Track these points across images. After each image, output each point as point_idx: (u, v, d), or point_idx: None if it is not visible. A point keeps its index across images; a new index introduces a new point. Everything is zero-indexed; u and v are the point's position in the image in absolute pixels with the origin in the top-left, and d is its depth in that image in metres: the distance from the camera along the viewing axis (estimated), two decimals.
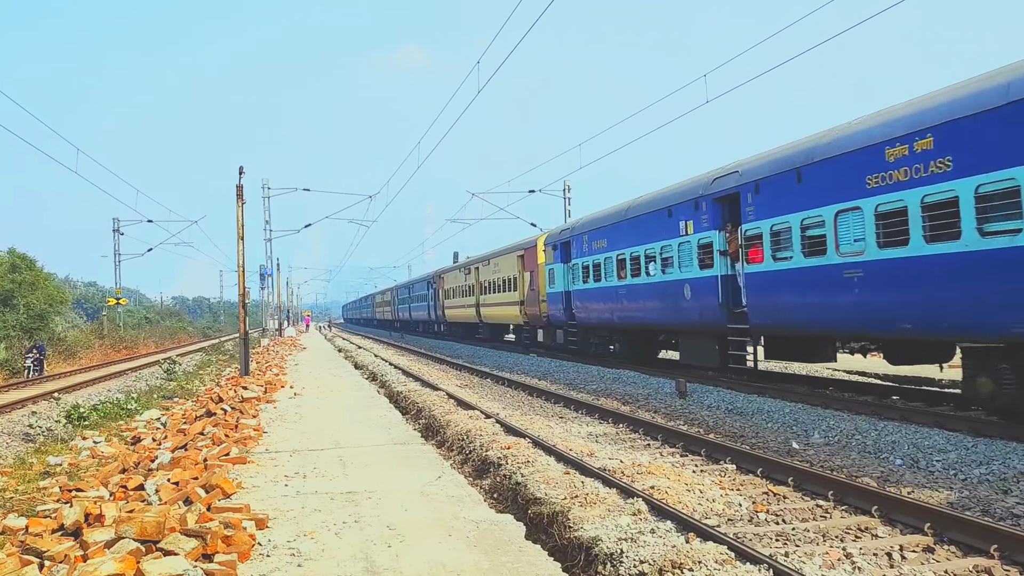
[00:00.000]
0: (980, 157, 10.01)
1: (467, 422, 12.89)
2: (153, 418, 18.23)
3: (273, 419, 13.13)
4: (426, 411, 15.26)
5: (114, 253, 56.12)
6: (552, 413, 14.73)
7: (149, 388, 24.40)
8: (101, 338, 49.70)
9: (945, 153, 10.53)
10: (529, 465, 9.41)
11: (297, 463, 9.03)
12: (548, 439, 11.04)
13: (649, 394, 16.06)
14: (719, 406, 14.19)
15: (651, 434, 11.83)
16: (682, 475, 8.64)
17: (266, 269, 49.26)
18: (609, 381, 18.75)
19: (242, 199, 21.81)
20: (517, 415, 14.09)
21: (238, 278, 21.84)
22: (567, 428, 12.62)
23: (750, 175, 15.19)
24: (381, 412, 14.13)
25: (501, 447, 10.57)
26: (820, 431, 11.44)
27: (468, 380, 21.91)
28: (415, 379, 21.79)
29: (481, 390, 19.26)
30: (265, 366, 26.30)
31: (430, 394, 17.34)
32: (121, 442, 14.40)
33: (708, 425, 12.33)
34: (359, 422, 12.81)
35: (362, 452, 9.74)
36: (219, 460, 8.77)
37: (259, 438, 10.85)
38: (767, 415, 12.93)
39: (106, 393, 22.73)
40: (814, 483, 8.23)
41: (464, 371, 25.05)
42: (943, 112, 10.72)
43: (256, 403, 15.06)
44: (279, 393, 17.93)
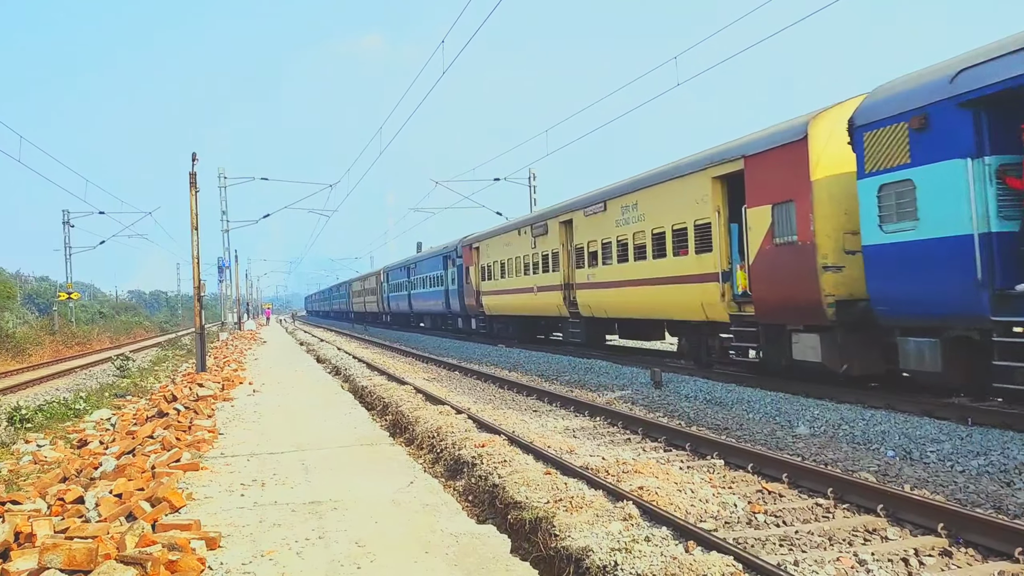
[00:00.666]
0: None
1: (437, 418, 12.25)
2: (103, 418, 17.27)
3: (230, 419, 12.35)
4: (393, 407, 14.58)
5: (64, 246, 54.19)
6: (526, 406, 14.15)
7: (100, 386, 23.31)
8: (52, 334, 48.00)
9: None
10: (506, 465, 8.80)
11: (255, 468, 8.31)
12: (524, 435, 10.45)
13: (624, 384, 15.56)
14: (697, 396, 13.73)
15: (631, 427, 11.31)
16: (670, 473, 8.10)
17: (224, 261, 47.92)
18: (582, 371, 18.23)
19: (195, 187, 20.83)
20: (489, 409, 13.48)
21: (193, 270, 20.89)
22: (543, 422, 12.05)
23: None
24: (346, 409, 13.42)
25: (475, 445, 9.95)
26: (805, 422, 11.01)
27: (435, 373, 21.25)
28: (380, 372, 21.06)
29: (450, 383, 18.62)
30: (223, 361, 25.35)
31: (396, 388, 16.66)
32: (67, 445, 13.49)
33: (689, 417, 11.84)
34: (322, 420, 12.09)
35: (326, 454, 9.04)
36: (168, 467, 8.03)
37: (214, 440, 10.08)
38: (748, 405, 12.48)
39: (54, 392, 21.65)
40: (810, 479, 7.75)
41: (431, 363, 24.37)
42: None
43: (212, 401, 14.24)
44: (237, 390, 17.10)
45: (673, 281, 16.67)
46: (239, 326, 55.43)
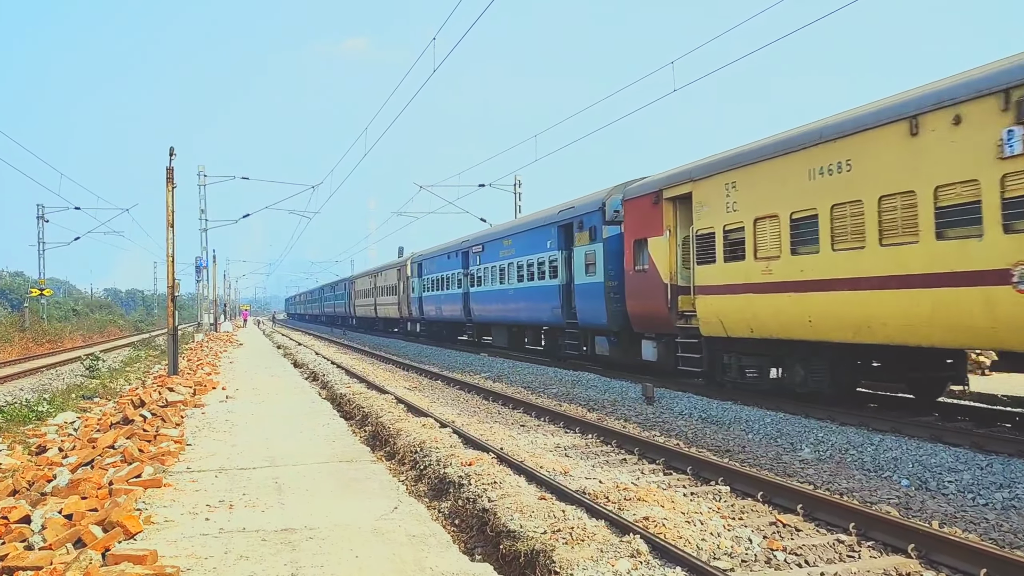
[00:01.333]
0: None
1: (420, 431, 11.58)
2: (67, 422, 16.43)
3: (200, 428, 11.60)
4: (373, 417, 13.88)
5: (38, 241, 53.01)
6: (513, 420, 13.50)
7: (68, 387, 22.39)
8: (22, 331, 46.73)
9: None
10: (497, 487, 8.15)
11: (223, 487, 7.59)
12: (514, 453, 9.80)
13: (615, 399, 14.95)
14: (691, 414, 13.15)
15: (626, 447, 10.69)
16: (675, 501, 7.48)
17: (201, 260, 46.91)
18: (569, 384, 17.61)
19: (172, 183, 20.04)
20: (475, 423, 12.82)
21: (167, 269, 20.06)
22: (532, 439, 11.41)
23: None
24: (324, 420, 12.70)
25: (461, 463, 9.29)
26: (809, 444, 10.46)
27: (417, 381, 20.55)
28: (359, 380, 20.33)
29: (432, 393, 17.94)
30: (197, 364, 24.49)
31: (377, 398, 15.95)
32: (25, 451, 12.66)
33: (687, 437, 11.25)
34: (298, 432, 11.38)
35: (302, 472, 8.34)
36: (128, 483, 7.30)
37: (181, 452, 9.34)
38: (747, 425, 11.92)
39: (18, 392, 20.71)
40: (826, 511, 7.17)
41: (412, 371, 23.67)
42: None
43: (182, 408, 13.48)
44: (209, 396, 16.32)
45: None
46: (215, 327, 54.37)
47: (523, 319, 25.84)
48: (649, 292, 16.46)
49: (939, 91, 9.78)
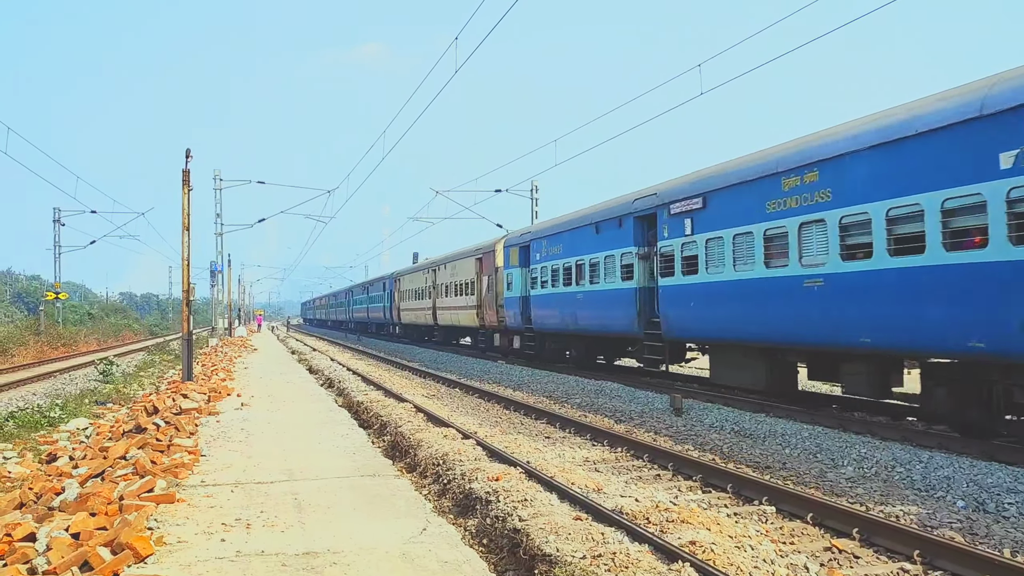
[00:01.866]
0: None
1: (442, 443, 11.12)
2: (80, 428, 16.10)
3: (215, 437, 11.19)
4: (392, 427, 13.45)
5: (54, 245, 52.94)
6: (537, 432, 13.04)
7: (81, 392, 22.11)
8: (37, 334, 46.67)
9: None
10: (527, 504, 7.68)
11: (240, 503, 7.15)
12: (543, 468, 9.33)
13: (642, 411, 14.45)
14: (723, 426, 12.64)
15: (658, 461, 10.22)
16: (720, 523, 6.99)
17: (216, 265, 46.72)
18: (592, 394, 17.12)
19: (188, 185, 19.72)
20: (498, 434, 12.36)
21: (182, 272, 19.74)
22: (559, 452, 10.94)
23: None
24: (343, 430, 12.27)
25: (488, 478, 8.82)
26: (852, 461, 9.93)
27: (435, 389, 20.12)
28: (376, 387, 19.91)
29: (451, 401, 17.50)
30: (211, 369, 24.16)
31: (395, 406, 15.51)
32: (36, 459, 12.31)
33: (723, 451, 10.74)
34: (317, 442, 10.95)
35: (322, 487, 7.89)
36: (139, 499, 6.89)
37: (195, 464, 8.92)
38: (783, 439, 11.40)
39: (31, 397, 20.43)
40: (886, 536, 6.67)
41: (429, 379, 23.25)
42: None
43: (196, 416, 13.08)
44: (224, 403, 15.93)
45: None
46: (230, 332, 54.17)
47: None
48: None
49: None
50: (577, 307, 21.34)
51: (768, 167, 13.46)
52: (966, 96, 9.91)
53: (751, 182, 13.88)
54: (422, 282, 43.17)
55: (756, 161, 14.07)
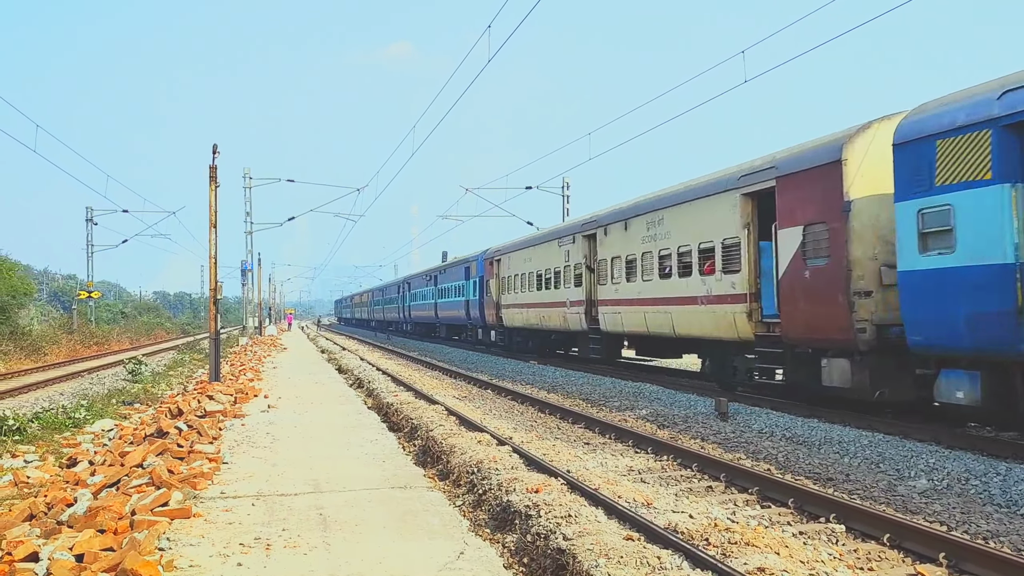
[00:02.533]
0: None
1: (476, 448, 10.51)
2: (105, 430, 15.74)
3: (239, 442, 10.68)
4: (423, 430, 12.88)
5: (87, 244, 53.30)
6: (575, 437, 12.39)
7: (109, 391, 21.85)
8: (70, 333, 46.90)
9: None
10: (572, 521, 7.03)
11: (260, 519, 6.59)
12: (585, 479, 8.68)
13: (685, 415, 13.72)
14: (773, 432, 11.90)
15: (709, 472, 9.52)
16: (788, 545, 6.29)
17: (246, 264, 46.60)
18: (630, 396, 16.42)
19: (216, 182, 19.33)
20: (534, 440, 11.72)
21: (209, 270, 19.34)
22: (601, 461, 10.28)
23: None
24: (372, 435, 11.70)
25: (527, 489, 8.19)
26: (920, 473, 9.16)
27: (466, 391, 19.53)
28: (406, 388, 19.38)
29: (483, 403, 16.90)
30: (239, 369, 23.79)
31: (426, 408, 14.93)
32: (57, 463, 11.91)
33: (778, 461, 10.01)
34: (345, 448, 10.39)
35: (350, 501, 7.30)
36: (152, 513, 6.35)
37: (215, 473, 8.39)
38: (840, 447, 10.65)
39: (58, 397, 20.18)
40: (978, 563, 5.93)
41: (460, 379, 22.68)
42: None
43: (221, 419, 12.61)
44: (251, 404, 15.47)
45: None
46: (260, 331, 54.13)
47: None
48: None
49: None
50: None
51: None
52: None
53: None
54: (542, 262, 27.17)
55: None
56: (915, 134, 10.54)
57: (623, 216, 20.60)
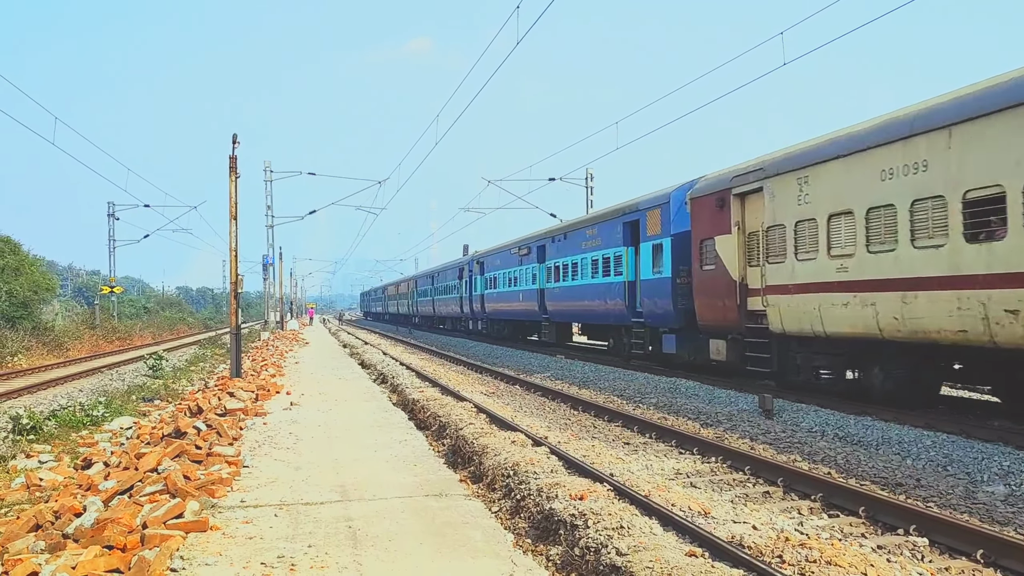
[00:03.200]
0: None
1: (510, 450, 9.88)
2: (123, 427, 15.28)
3: (260, 443, 10.11)
4: (452, 429, 12.27)
5: (109, 239, 53.23)
6: (613, 436, 11.73)
7: (129, 388, 21.43)
8: (93, 328, 46.80)
9: None
10: (624, 532, 6.38)
11: (284, 532, 5.98)
12: (633, 484, 8.02)
13: (728, 412, 13.01)
14: (824, 431, 11.18)
15: (763, 475, 8.83)
16: (874, 564, 5.60)
17: (268, 258, 46.25)
18: (667, 392, 15.72)
19: (235, 172, 18.81)
20: (571, 440, 11.08)
21: (230, 264, 18.84)
22: (645, 463, 9.60)
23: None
24: (400, 434, 11.10)
25: (570, 495, 7.55)
26: (995, 477, 8.43)
27: (493, 386, 18.91)
28: (431, 383, 18.79)
29: (512, 400, 16.26)
30: (261, 364, 23.32)
31: (454, 405, 14.33)
32: (72, 463, 11.43)
33: (837, 463, 9.29)
34: (372, 450, 9.79)
35: (381, 511, 6.68)
36: (165, 526, 5.77)
37: (235, 478, 7.80)
38: (901, 448, 9.92)
39: (77, 393, 19.78)
40: None
41: (485, 374, 22.05)
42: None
43: (242, 417, 12.07)
44: (273, 402, 14.93)
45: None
46: (281, 326, 53.83)
47: None
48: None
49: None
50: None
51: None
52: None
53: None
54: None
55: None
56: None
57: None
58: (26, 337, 34.09)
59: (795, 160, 13.88)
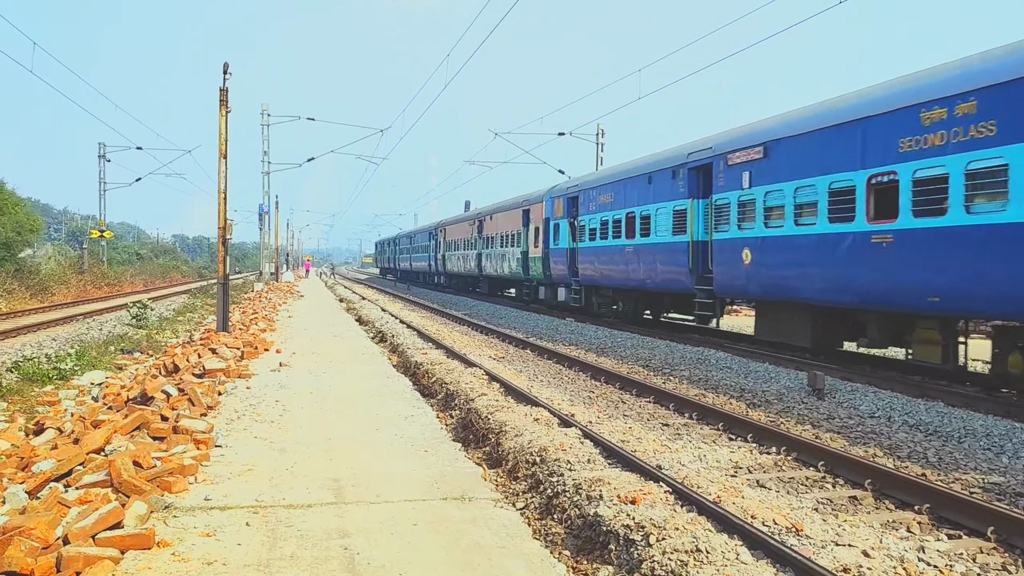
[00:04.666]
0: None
1: (533, 430, 8.39)
2: (94, 383, 13.76)
3: (240, 414, 8.57)
4: (461, 399, 10.79)
5: (99, 181, 51.30)
6: (647, 415, 10.23)
7: (108, 337, 19.89)
8: (80, 273, 45.15)
9: None
10: (704, 559, 4.90)
11: (255, 556, 4.41)
12: (693, 484, 6.51)
13: (778, 391, 11.49)
14: (891, 417, 9.68)
15: (842, 472, 7.35)
16: None
17: (263, 206, 44.42)
18: (694, 363, 14.21)
19: (226, 106, 17.04)
20: (604, 420, 9.58)
21: (218, 206, 17.17)
22: (697, 452, 8.09)
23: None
24: (404, 407, 9.57)
25: (618, 497, 6.05)
26: None
27: (502, 350, 17.39)
28: (435, 344, 17.28)
29: (524, 366, 14.75)
30: (251, 318, 21.75)
31: (462, 371, 12.83)
32: (24, 427, 9.89)
33: (928, 461, 7.78)
34: (374, 428, 8.26)
35: (386, 523, 5.12)
36: (94, 542, 4.24)
37: (203, 463, 6.28)
38: (990, 441, 8.44)
39: (50, 342, 18.24)
40: None
41: (492, 336, 20.50)
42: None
43: (222, 380, 10.53)
44: (260, 361, 13.40)
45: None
46: (276, 278, 52.22)
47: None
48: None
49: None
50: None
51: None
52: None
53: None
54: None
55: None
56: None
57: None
58: (7, 280, 32.49)
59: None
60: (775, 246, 14.13)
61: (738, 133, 16.11)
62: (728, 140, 16.06)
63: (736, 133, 16.22)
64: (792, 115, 14.41)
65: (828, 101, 13.68)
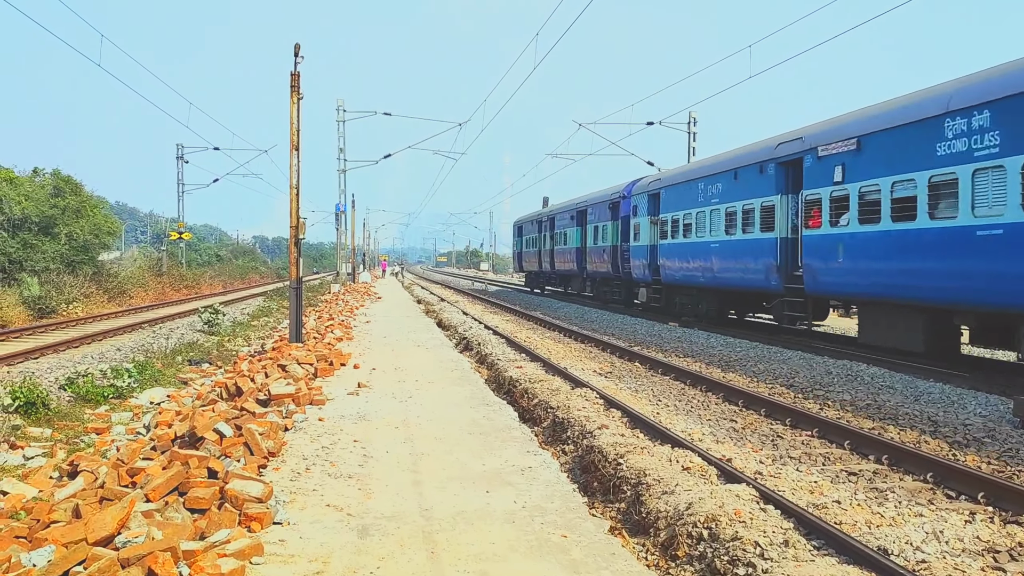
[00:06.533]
0: None
1: (689, 485, 6.33)
2: (152, 403, 12.27)
3: (309, 464, 6.68)
4: (575, 430, 8.79)
5: (177, 183, 51.12)
6: (823, 459, 8.00)
7: (176, 346, 18.56)
8: (159, 275, 44.86)
9: None
10: None
11: None
12: None
13: (983, 424, 9.07)
14: None
15: None
16: None
17: (340, 205, 43.27)
18: (848, 382, 11.84)
19: (297, 92, 15.40)
20: (769, 466, 7.41)
21: (290, 203, 15.55)
22: (920, 523, 5.86)
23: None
24: (517, 455, 7.53)
25: None
26: None
27: (605, 362, 15.29)
28: (527, 354, 15.32)
29: (638, 383, 12.61)
30: (327, 324, 20.16)
31: (568, 392, 10.82)
32: (59, 465, 8.30)
33: None
34: (482, 488, 6.27)
35: None
36: None
37: (252, 560, 4.40)
38: None
39: (114, 352, 16.95)
40: None
41: (588, 343, 18.35)
42: None
43: (291, 409, 8.73)
44: (336, 379, 11.63)
45: None
46: (353, 278, 51.20)
47: None
48: None
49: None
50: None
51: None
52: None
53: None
54: None
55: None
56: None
57: None
58: (85, 283, 31.92)
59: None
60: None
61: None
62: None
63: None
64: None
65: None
